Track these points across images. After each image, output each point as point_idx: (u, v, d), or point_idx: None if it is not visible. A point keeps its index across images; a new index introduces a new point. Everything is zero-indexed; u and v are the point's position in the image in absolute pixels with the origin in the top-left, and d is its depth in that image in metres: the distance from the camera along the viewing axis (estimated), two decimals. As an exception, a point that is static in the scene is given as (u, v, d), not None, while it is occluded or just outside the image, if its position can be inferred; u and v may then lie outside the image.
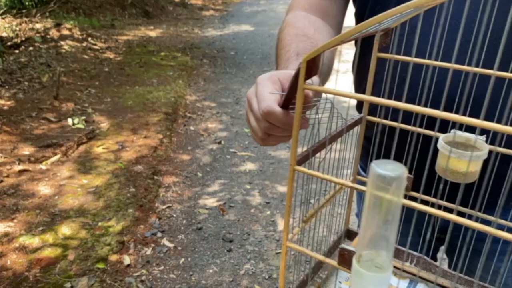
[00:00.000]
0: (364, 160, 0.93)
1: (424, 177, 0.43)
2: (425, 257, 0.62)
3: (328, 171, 0.55)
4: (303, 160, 0.49)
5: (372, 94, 0.85)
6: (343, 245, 0.44)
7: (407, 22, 0.72)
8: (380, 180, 0.35)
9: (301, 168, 0.46)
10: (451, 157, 0.58)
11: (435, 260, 0.83)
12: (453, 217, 0.37)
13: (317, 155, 0.53)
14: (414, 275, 0.61)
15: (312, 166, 0.52)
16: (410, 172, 0.55)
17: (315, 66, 0.41)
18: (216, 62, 6.00)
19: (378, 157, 0.91)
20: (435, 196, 0.56)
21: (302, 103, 0.43)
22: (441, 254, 0.89)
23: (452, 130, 0.56)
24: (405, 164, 0.35)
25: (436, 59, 0.49)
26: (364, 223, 0.38)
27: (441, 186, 0.42)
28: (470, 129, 0.55)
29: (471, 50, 0.58)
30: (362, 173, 0.93)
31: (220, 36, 7.64)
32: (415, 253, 0.63)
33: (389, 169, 0.35)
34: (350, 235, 0.72)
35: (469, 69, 0.36)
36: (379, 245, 0.38)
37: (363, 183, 0.67)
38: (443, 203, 0.57)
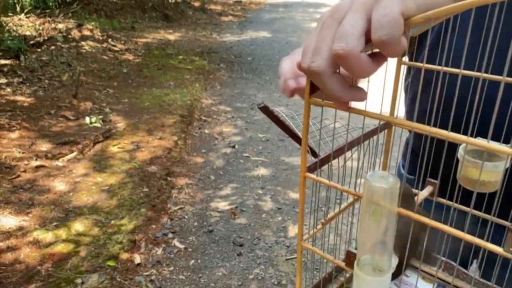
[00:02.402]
0: (410, 167, 0.91)
1: (450, 184, 0.42)
2: (459, 266, 0.61)
3: (343, 180, 0.55)
4: (314, 167, 0.49)
5: (409, 105, 0.84)
6: (350, 249, 0.46)
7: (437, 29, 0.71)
8: (374, 191, 0.38)
9: (311, 175, 0.47)
10: (468, 166, 0.57)
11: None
12: (481, 242, 0.38)
13: (336, 162, 0.53)
14: (448, 283, 0.61)
15: (330, 173, 0.52)
16: (440, 178, 0.55)
17: None
18: (233, 67, 6.03)
19: (413, 164, 0.89)
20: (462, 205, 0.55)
21: (309, 117, 0.42)
22: (474, 266, 0.88)
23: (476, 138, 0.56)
24: (437, 171, 0.35)
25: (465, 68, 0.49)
26: (362, 230, 0.41)
27: (474, 195, 0.42)
28: (497, 136, 0.54)
29: (499, 58, 0.58)
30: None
31: (238, 41, 7.69)
32: (451, 262, 0.63)
33: (383, 181, 0.37)
34: None
35: (500, 78, 0.36)
36: (378, 250, 0.41)
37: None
38: (477, 212, 0.56)
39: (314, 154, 0.55)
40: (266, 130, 3.96)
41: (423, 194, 0.60)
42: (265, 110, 0.55)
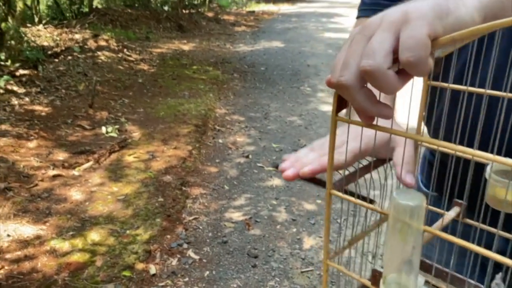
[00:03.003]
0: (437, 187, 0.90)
1: (478, 203, 0.42)
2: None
3: (368, 196, 0.54)
4: (340, 184, 0.49)
5: (434, 122, 0.84)
6: (376, 267, 0.46)
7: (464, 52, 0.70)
8: (401, 209, 0.38)
9: (337, 192, 0.46)
10: (496, 186, 0.56)
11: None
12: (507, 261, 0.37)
13: (363, 179, 0.53)
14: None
15: (358, 189, 0.52)
16: (467, 199, 0.55)
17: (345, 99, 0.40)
18: (246, 77, 6.06)
19: (440, 182, 0.87)
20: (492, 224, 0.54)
21: (335, 134, 0.43)
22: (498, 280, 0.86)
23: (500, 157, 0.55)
24: (462, 190, 0.35)
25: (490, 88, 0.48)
26: (388, 248, 0.41)
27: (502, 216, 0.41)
28: None
29: None
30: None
31: (251, 51, 7.73)
32: (471, 281, 0.61)
33: (409, 198, 0.37)
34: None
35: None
36: (404, 269, 0.41)
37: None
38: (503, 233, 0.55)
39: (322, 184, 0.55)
40: (279, 140, 3.96)
41: (450, 215, 0.59)
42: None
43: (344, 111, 0.44)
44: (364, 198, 0.53)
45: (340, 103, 0.41)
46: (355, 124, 0.42)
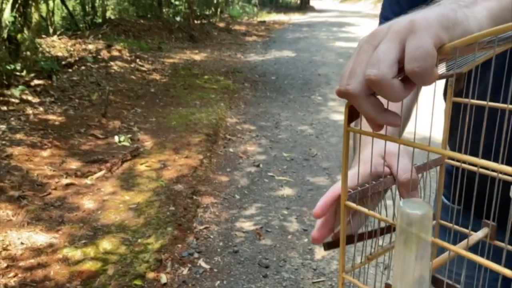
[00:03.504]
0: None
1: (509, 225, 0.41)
2: None
3: (382, 210, 0.54)
4: (355, 195, 0.49)
5: (457, 139, 0.82)
6: (389, 281, 0.45)
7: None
8: (408, 218, 0.37)
9: (352, 204, 0.46)
10: None
11: None
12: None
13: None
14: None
15: (368, 205, 0.51)
16: (494, 219, 0.53)
17: (356, 110, 0.40)
18: (257, 86, 6.08)
19: (465, 198, 0.85)
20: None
21: (348, 145, 0.43)
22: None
23: None
24: (488, 211, 0.34)
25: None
26: (397, 260, 0.40)
27: None
28: None
29: None
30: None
31: (262, 61, 7.77)
32: None
33: (416, 207, 0.37)
34: None
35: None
36: (415, 283, 0.40)
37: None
38: None
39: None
40: (290, 149, 3.95)
41: (478, 235, 0.57)
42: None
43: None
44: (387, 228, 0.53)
45: (352, 114, 0.41)
46: (367, 134, 0.42)
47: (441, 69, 0.40)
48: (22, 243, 2.28)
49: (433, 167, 0.55)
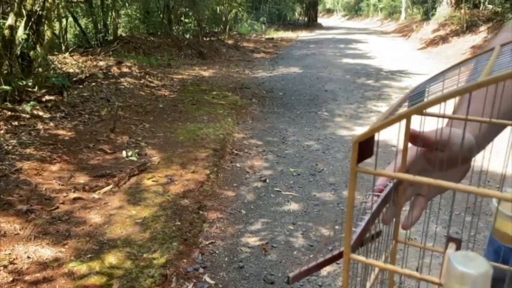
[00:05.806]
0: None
1: None
2: None
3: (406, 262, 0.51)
4: (359, 244, 0.44)
5: None
6: None
7: None
8: (460, 277, 0.30)
9: (357, 257, 0.41)
10: (500, 218, 0.53)
11: None
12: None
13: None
14: None
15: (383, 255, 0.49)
16: None
17: (368, 147, 0.37)
18: (264, 102, 6.12)
19: None
20: None
21: (354, 187, 0.38)
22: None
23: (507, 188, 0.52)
24: None
25: None
26: None
27: None
28: None
29: None
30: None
31: (269, 77, 7.83)
32: None
33: (471, 265, 0.30)
34: None
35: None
36: None
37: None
38: None
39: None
40: (297, 164, 3.95)
41: None
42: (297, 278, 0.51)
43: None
44: (377, 234, 0.52)
45: (364, 152, 0.37)
46: (377, 174, 0.38)
47: None
48: (28, 257, 2.29)
49: None
